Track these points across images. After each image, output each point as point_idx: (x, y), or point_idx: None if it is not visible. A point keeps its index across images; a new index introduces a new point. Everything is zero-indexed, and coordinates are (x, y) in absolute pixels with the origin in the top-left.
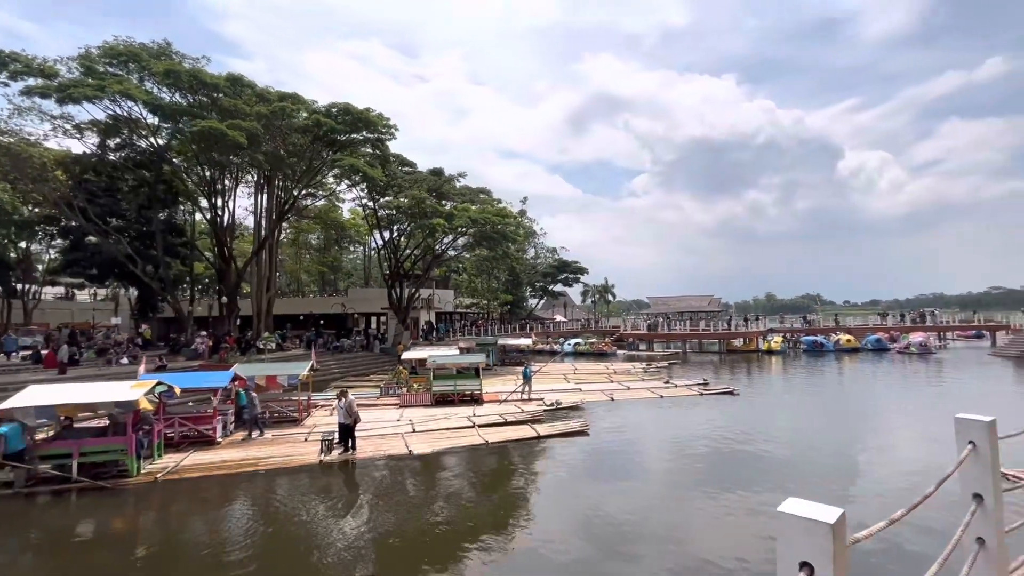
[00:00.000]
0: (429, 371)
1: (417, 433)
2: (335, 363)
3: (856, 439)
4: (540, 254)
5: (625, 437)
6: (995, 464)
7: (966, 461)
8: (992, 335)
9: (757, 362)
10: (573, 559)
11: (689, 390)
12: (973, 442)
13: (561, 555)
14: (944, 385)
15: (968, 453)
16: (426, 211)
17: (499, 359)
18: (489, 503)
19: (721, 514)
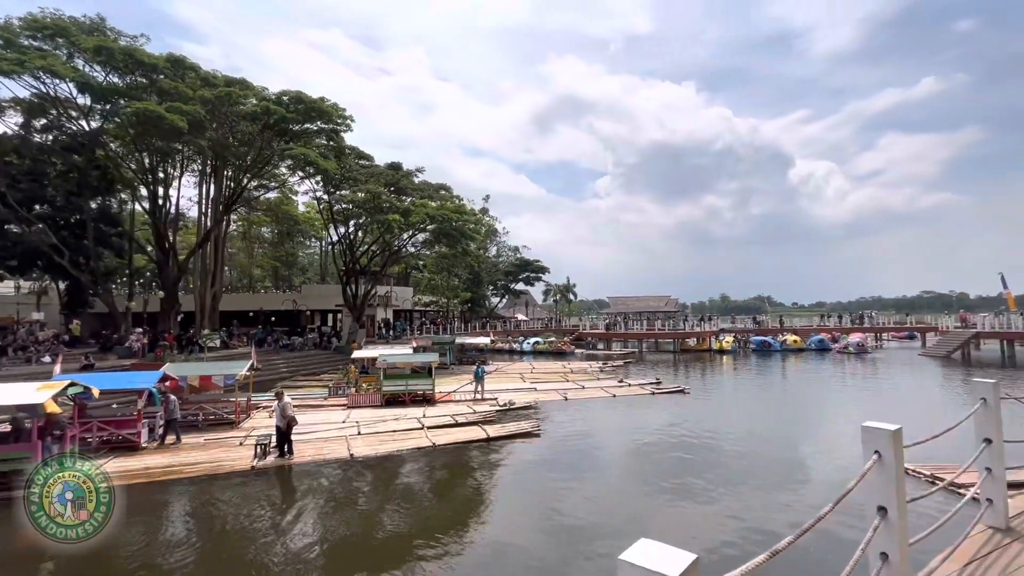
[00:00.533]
0: (380, 371)
1: (362, 436)
2: (284, 362)
3: (794, 436)
4: (502, 253)
5: (576, 437)
6: (899, 475)
7: (871, 472)
8: (922, 336)
9: (709, 361)
10: (513, 567)
11: (642, 389)
12: (879, 452)
13: (500, 562)
14: (876, 383)
15: (873, 464)
16: (382, 206)
17: (457, 358)
18: (431, 508)
19: (670, 510)
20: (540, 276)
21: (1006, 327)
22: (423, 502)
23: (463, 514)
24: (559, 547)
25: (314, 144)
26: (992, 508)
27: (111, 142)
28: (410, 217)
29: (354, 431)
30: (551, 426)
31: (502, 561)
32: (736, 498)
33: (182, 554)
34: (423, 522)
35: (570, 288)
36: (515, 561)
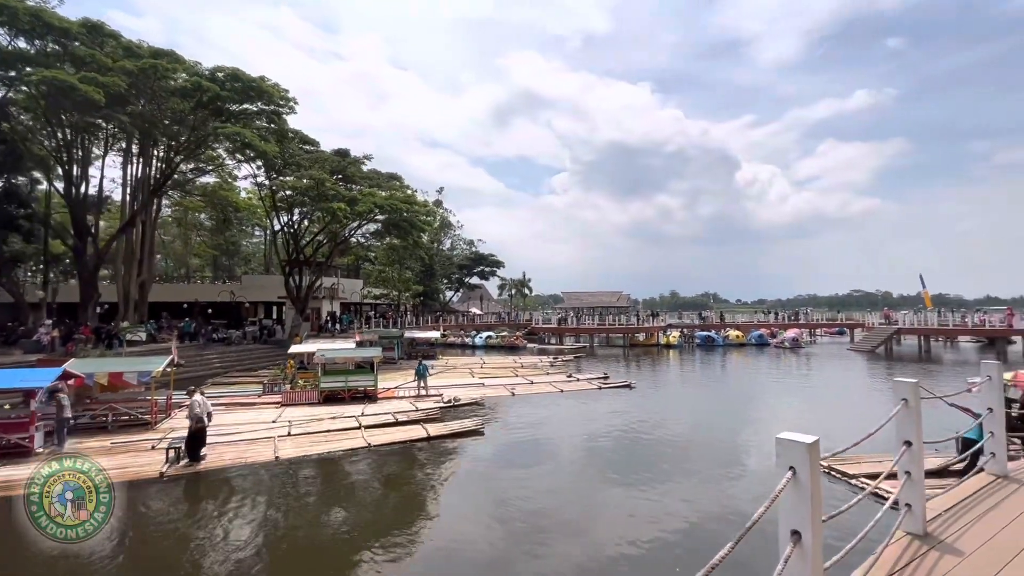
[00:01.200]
0: (318, 366)
1: (293, 436)
2: (218, 357)
3: (732, 430)
4: (456, 246)
5: (521, 434)
6: (816, 495)
7: (785, 490)
8: (851, 332)
9: (656, 356)
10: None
11: (589, 384)
12: (793, 468)
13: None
14: (808, 377)
15: (787, 483)
16: (327, 193)
17: (406, 352)
18: (358, 515)
19: (613, 504)
20: (495, 270)
21: (923, 324)
22: (351, 509)
23: (393, 520)
24: (501, 550)
25: (254, 126)
26: (911, 514)
27: (20, 114)
28: (357, 206)
29: (285, 431)
30: (496, 423)
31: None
32: (672, 492)
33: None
34: (349, 531)
35: (525, 283)
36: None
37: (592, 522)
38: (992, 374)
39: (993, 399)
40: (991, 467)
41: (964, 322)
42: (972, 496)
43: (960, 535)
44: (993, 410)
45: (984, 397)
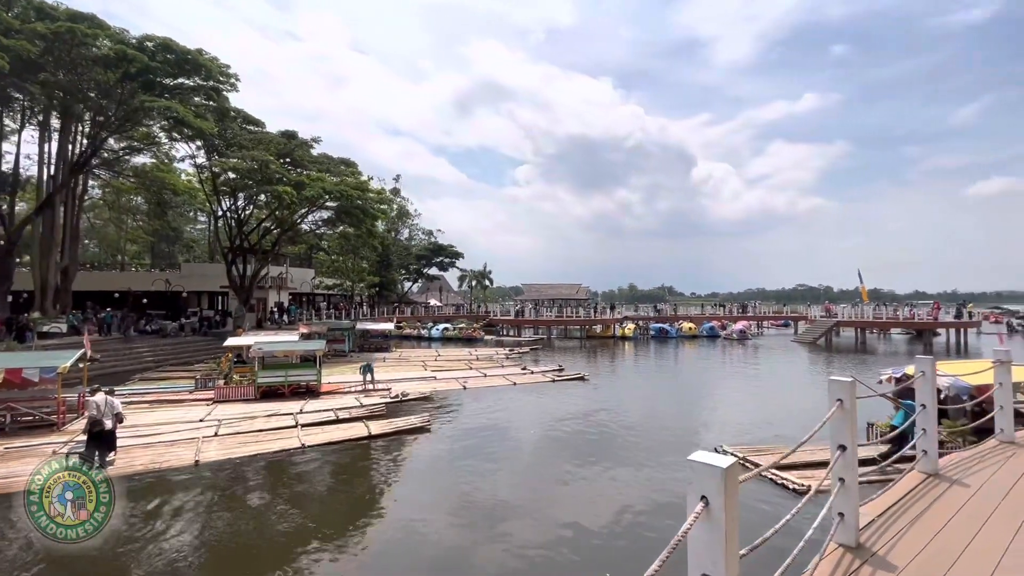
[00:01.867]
0: (254, 360)
1: (220, 437)
2: (150, 350)
3: (679, 420)
4: (415, 236)
5: (469, 430)
6: (732, 532)
7: (696, 524)
8: (795, 324)
9: (612, 347)
10: None
11: (543, 376)
12: (706, 497)
13: None
14: (753, 368)
15: (699, 515)
16: (272, 176)
17: (359, 345)
18: (284, 523)
19: (558, 498)
20: (454, 261)
21: (860, 317)
22: (274, 517)
23: (320, 528)
24: (438, 557)
25: (191, 103)
26: (844, 524)
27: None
28: (304, 191)
29: (211, 431)
30: (445, 418)
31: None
32: (615, 483)
33: None
34: (274, 541)
35: (486, 274)
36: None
37: (534, 517)
38: (926, 369)
39: (927, 395)
40: (922, 466)
41: (896, 315)
42: (905, 498)
43: (894, 544)
44: (926, 406)
45: (918, 392)
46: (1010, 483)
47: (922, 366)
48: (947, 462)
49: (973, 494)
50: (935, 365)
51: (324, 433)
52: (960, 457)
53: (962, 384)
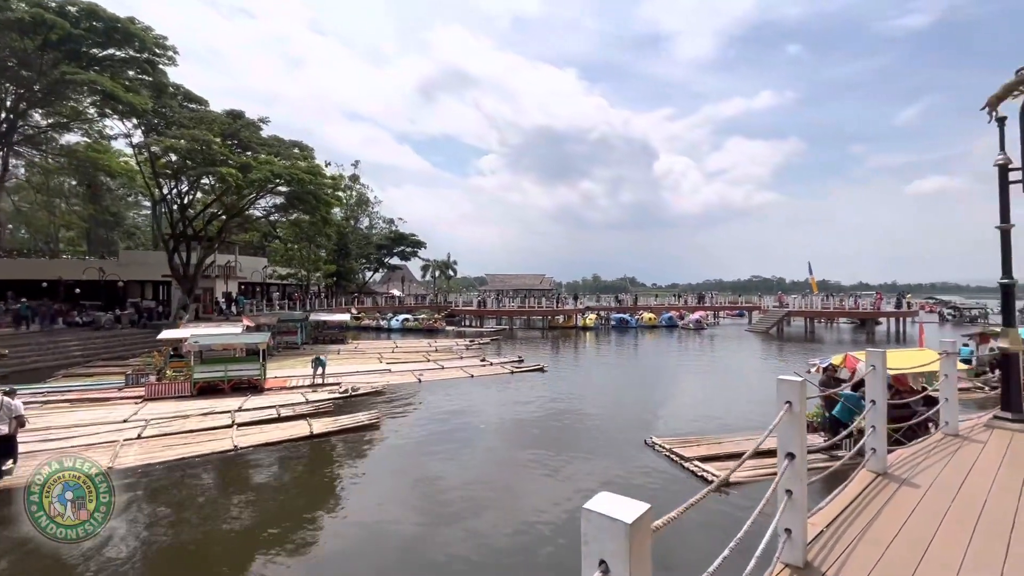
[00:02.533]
0: (190, 355)
1: (143, 439)
2: (79, 344)
3: (634, 411)
4: (375, 224)
5: (420, 426)
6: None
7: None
8: (749, 314)
9: (574, 337)
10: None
11: (502, 368)
12: (605, 563)
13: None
14: (706, 356)
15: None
16: (214, 158)
17: (313, 336)
18: (193, 535)
19: (506, 493)
20: (416, 251)
21: (809, 307)
22: (190, 530)
23: (244, 538)
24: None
25: (125, 76)
26: (791, 541)
27: None
28: (251, 173)
29: (136, 433)
30: (396, 413)
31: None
32: (562, 479)
33: None
34: (175, 557)
35: (450, 264)
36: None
37: (479, 516)
38: (876, 363)
39: (877, 390)
40: (872, 465)
41: (842, 306)
42: (854, 503)
43: (845, 561)
44: (876, 403)
45: (868, 388)
46: (959, 480)
47: (873, 360)
48: (895, 459)
49: (924, 494)
50: (885, 358)
51: (262, 433)
52: (908, 454)
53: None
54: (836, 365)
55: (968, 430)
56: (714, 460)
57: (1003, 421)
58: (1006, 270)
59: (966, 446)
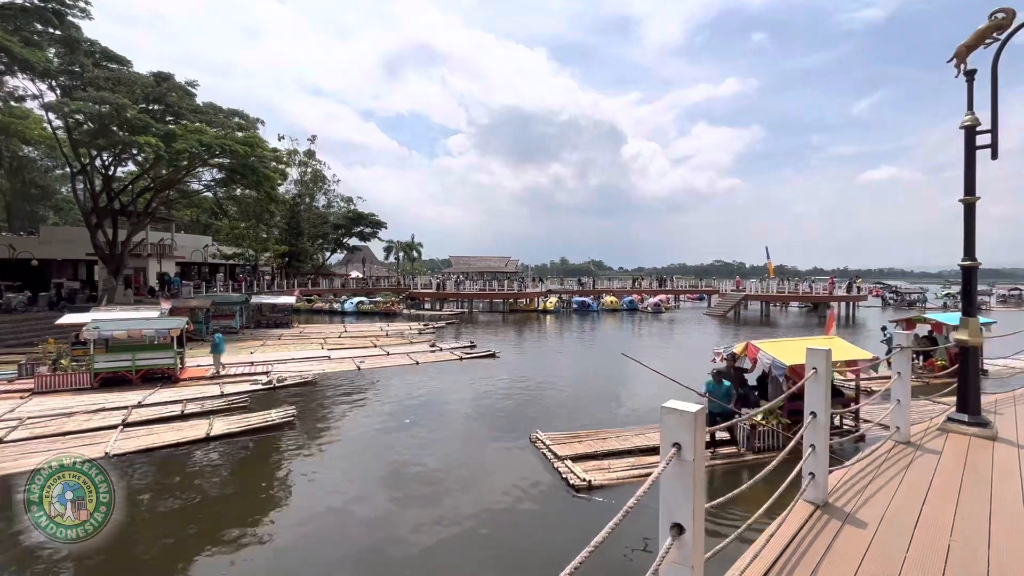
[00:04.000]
0: (91, 342)
1: (7, 444)
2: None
3: (568, 397)
4: (334, 203)
5: (341, 424)
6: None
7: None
8: (709, 298)
9: (535, 321)
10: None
11: (452, 354)
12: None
13: None
14: (661, 338)
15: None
16: (132, 124)
17: (255, 320)
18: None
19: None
20: (376, 231)
21: (765, 291)
22: None
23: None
24: None
25: (30, 29)
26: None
27: None
28: (175, 143)
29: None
30: (320, 408)
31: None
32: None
33: None
34: None
35: (414, 245)
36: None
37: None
38: (818, 365)
39: (818, 399)
40: (810, 494)
41: (796, 290)
42: (790, 548)
43: None
44: (817, 415)
45: (808, 395)
46: (915, 506)
47: (814, 360)
48: (838, 482)
49: (875, 532)
50: (830, 358)
51: (150, 436)
52: (852, 473)
53: (779, 364)
54: (737, 354)
55: (920, 436)
56: (590, 459)
57: (958, 424)
58: (968, 249)
59: (919, 458)
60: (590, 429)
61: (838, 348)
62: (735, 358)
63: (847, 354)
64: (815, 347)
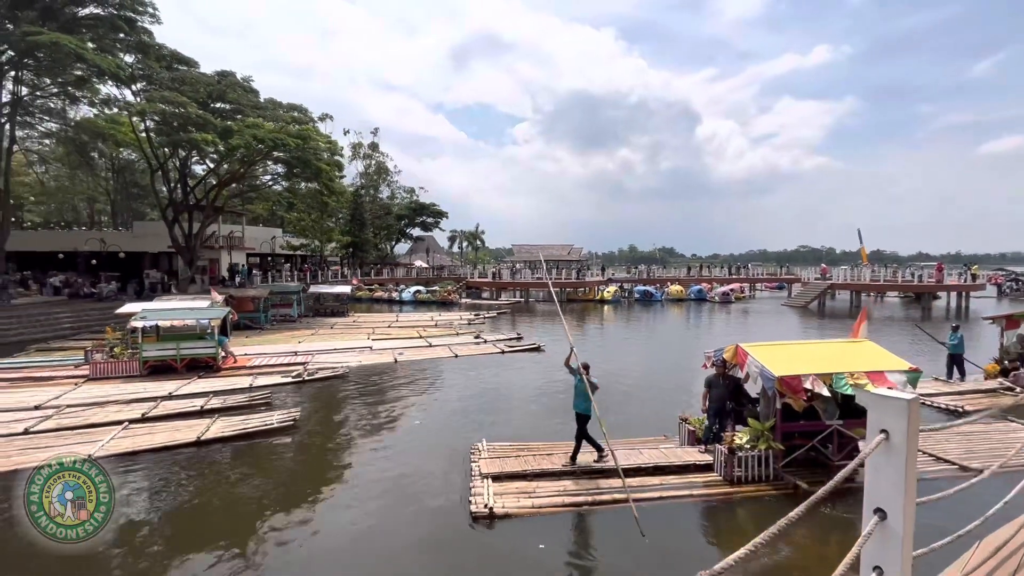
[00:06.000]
0: (138, 331)
1: (29, 435)
2: (71, 316)
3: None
4: (396, 194)
5: (353, 425)
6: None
7: None
8: (789, 287)
9: (593, 311)
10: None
11: (495, 347)
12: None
13: None
14: (726, 334)
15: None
16: (193, 122)
17: (312, 309)
18: None
19: None
20: (438, 221)
21: (856, 279)
22: None
23: None
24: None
25: (110, 38)
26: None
27: None
28: (231, 139)
29: (23, 427)
30: (335, 407)
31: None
32: None
33: None
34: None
35: (477, 234)
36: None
37: None
38: (892, 424)
39: (890, 488)
40: None
41: (895, 278)
42: None
43: None
44: (886, 516)
45: (870, 480)
46: None
47: (884, 412)
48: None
49: None
50: (916, 411)
51: (143, 435)
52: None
53: (768, 373)
54: (727, 359)
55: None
56: (519, 479)
57: None
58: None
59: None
60: (535, 443)
61: (867, 356)
62: (725, 364)
63: (877, 363)
64: (884, 391)
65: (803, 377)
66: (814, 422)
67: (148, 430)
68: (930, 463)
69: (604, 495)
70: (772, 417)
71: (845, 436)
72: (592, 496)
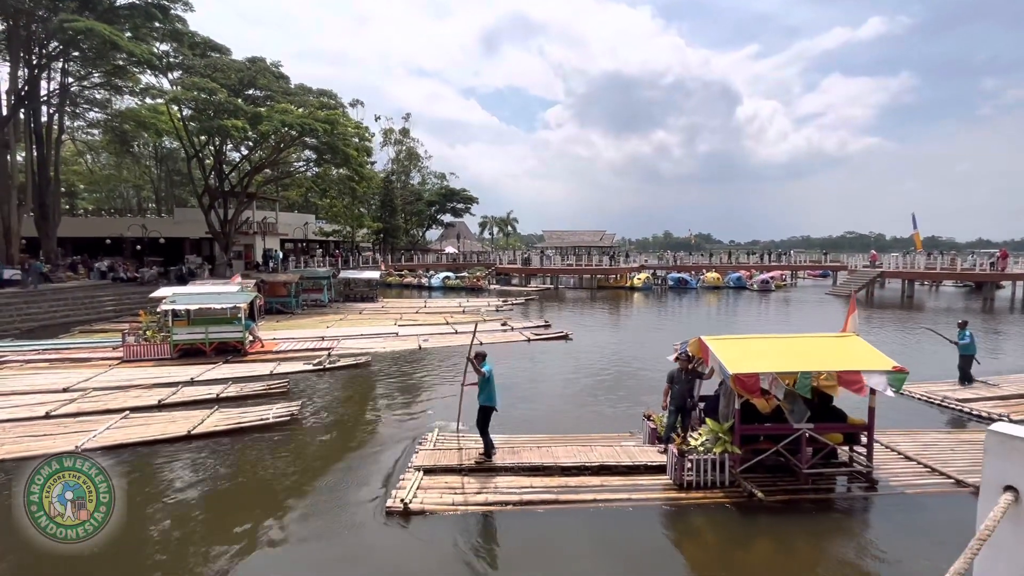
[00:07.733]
0: (167, 315)
1: (50, 419)
2: (114, 300)
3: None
4: (428, 180)
5: (361, 417)
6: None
7: None
8: (834, 275)
9: (623, 299)
10: None
11: (521, 335)
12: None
13: None
14: (762, 325)
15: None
16: (223, 108)
17: (342, 294)
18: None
19: None
20: (469, 206)
21: (909, 267)
22: None
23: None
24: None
25: (147, 27)
26: None
27: None
28: (260, 124)
29: (45, 410)
30: (348, 397)
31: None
32: None
33: None
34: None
35: (508, 220)
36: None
37: None
38: None
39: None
40: None
41: (953, 265)
42: None
43: None
44: None
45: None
46: None
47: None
48: None
49: None
50: None
51: (138, 427)
52: None
53: (725, 370)
54: (692, 355)
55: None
56: (452, 473)
57: None
58: None
59: None
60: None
61: (847, 352)
62: (690, 358)
63: (856, 361)
64: (1006, 428)
65: (761, 376)
66: (781, 424)
67: (144, 421)
68: None
69: (535, 495)
70: (731, 418)
71: (818, 442)
72: (521, 496)
